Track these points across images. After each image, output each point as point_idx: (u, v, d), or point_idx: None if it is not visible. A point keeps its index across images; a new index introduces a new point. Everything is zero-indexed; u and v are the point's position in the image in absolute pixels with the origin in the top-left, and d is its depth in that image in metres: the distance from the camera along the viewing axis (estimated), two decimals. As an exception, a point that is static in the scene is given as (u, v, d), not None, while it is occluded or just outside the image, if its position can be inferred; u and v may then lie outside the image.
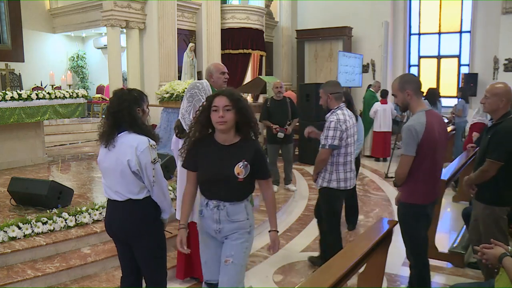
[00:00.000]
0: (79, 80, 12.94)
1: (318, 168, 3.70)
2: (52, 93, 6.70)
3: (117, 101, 2.53)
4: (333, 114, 3.62)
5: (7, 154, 6.49)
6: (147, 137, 2.51)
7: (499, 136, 3.07)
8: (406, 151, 2.85)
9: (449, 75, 12.64)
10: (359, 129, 5.05)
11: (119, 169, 2.49)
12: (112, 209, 2.62)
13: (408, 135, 2.83)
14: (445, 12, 12.56)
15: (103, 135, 2.54)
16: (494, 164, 3.07)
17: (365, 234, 3.05)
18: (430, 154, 2.87)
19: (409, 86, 2.90)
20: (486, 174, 3.13)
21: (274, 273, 3.94)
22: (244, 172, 2.38)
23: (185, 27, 10.73)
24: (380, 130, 8.89)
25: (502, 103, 3.08)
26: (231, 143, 2.43)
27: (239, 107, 2.36)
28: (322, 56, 12.96)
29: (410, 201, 2.97)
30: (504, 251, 2.16)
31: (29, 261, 3.62)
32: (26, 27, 10.89)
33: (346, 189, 3.70)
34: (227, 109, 2.33)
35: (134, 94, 2.57)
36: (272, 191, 2.62)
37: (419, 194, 2.93)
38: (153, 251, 2.62)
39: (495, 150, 3.05)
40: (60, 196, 4.38)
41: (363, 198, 6.32)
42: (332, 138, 3.54)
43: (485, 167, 3.12)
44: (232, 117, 2.35)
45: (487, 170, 3.11)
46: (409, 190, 2.95)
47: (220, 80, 3.93)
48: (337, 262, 2.40)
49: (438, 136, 2.89)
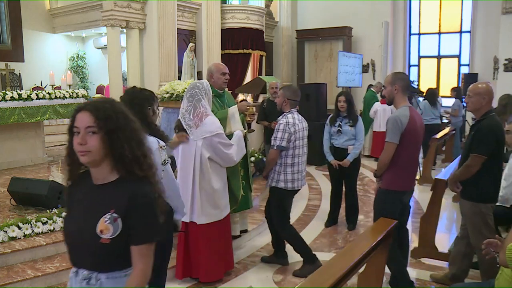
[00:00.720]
0: (79, 80, 12.93)
1: (268, 168, 3.94)
2: (52, 93, 6.71)
3: (128, 98, 2.50)
4: (284, 117, 3.87)
5: (7, 154, 6.49)
6: (156, 137, 2.47)
7: (482, 133, 3.22)
8: (391, 138, 3.19)
9: (449, 75, 12.63)
10: (359, 129, 5.06)
11: None
12: None
13: (394, 124, 3.17)
14: (445, 12, 12.56)
15: None
16: (478, 158, 3.20)
17: (365, 234, 3.06)
18: (411, 144, 3.23)
19: (399, 83, 3.26)
20: (471, 169, 3.24)
21: (274, 273, 3.95)
22: (112, 230, 1.57)
23: (185, 27, 10.72)
24: (380, 130, 8.88)
25: (484, 101, 3.23)
26: (104, 182, 1.66)
27: (109, 129, 1.58)
28: (322, 56, 12.96)
29: (391, 188, 3.27)
30: None
31: (29, 261, 3.62)
32: (26, 27, 10.87)
33: (294, 189, 3.92)
34: (91, 131, 1.58)
35: (146, 93, 2.56)
36: (141, 270, 1.63)
37: (399, 181, 3.27)
38: (157, 253, 2.58)
39: (479, 145, 3.21)
40: (60, 196, 4.38)
41: (363, 198, 6.32)
42: (280, 140, 3.79)
43: (469, 162, 3.25)
44: (98, 144, 1.58)
45: (472, 165, 3.24)
46: (390, 177, 3.27)
47: (220, 80, 3.95)
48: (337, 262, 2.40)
49: (419, 129, 3.27)
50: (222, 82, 3.97)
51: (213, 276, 3.67)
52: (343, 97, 5.04)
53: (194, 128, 3.48)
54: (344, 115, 5.08)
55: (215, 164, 3.58)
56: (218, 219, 3.63)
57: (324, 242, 4.73)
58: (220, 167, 3.63)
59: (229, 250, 3.87)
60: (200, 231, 3.59)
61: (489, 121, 3.23)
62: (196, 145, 3.49)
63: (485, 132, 3.21)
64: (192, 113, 3.47)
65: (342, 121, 5.08)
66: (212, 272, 3.66)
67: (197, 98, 3.48)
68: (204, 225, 3.58)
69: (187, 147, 3.51)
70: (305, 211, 5.81)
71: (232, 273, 3.88)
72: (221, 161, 3.58)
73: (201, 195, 3.55)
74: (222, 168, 3.66)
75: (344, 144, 5.05)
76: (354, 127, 5.02)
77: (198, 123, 3.47)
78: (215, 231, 3.63)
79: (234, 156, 3.58)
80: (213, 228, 3.61)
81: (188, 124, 3.48)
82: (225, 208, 3.72)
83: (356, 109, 5.30)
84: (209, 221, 3.59)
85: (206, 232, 3.60)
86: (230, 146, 3.58)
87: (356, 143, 5.03)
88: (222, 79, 3.96)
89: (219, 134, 3.49)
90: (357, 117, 5.11)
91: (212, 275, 3.66)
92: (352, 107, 5.09)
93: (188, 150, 3.50)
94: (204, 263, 3.63)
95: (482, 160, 3.19)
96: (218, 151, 3.51)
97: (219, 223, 3.65)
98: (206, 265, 3.63)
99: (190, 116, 3.47)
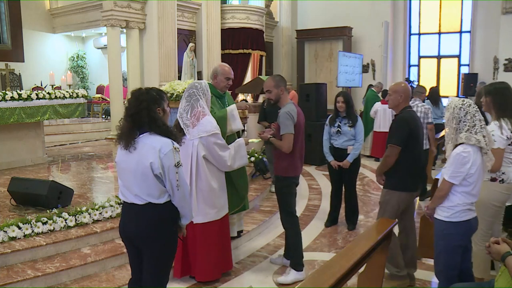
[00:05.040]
0: (79, 80, 12.94)
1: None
2: (52, 93, 6.71)
3: (135, 102, 2.43)
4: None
5: (7, 154, 6.49)
6: (170, 139, 2.43)
7: (396, 124, 3.53)
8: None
9: (449, 75, 12.64)
10: (359, 129, 5.05)
11: (140, 171, 2.40)
12: (129, 212, 2.53)
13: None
14: (445, 12, 12.55)
15: (122, 136, 2.45)
16: (393, 148, 3.44)
17: (365, 234, 3.06)
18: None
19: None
20: (388, 159, 3.49)
21: (274, 273, 3.95)
22: None
23: (185, 27, 10.73)
24: (380, 130, 8.88)
25: (402, 99, 3.53)
26: None
27: None
28: (322, 56, 12.96)
29: (287, 175, 3.72)
30: (509, 249, 2.18)
31: (29, 261, 3.62)
32: (26, 27, 10.88)
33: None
34: None
35: (153, 94, 2.47)
36: None
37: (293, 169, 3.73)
38: (161, 258, 2.54)
39: (393, 136, 3.48)
40: (60, 196, 4.38)
41: (363, 198, 6.32)
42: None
43: (386, 152, 3.51)
44: None
45: (389, 155, 3.48)
46: (285, 166, 3.69)
47: (223, 84, 3.96)
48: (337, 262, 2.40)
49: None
50: (224, 86, 3.98)
51: (209, 276, 3.66)
52: (342, 97, 5.04)
53: (191, 128, 3.49)
54: (343, 115, 5.07)
55: (212, 164, 3.59)
56: (215, 218, 3.63)
57: (324, 242, 4.73)
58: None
59: (228, 250, 3.86)
60: (197, 230, 3.59)
61: (403, 114, 3.52)
62: (192, 144, 3.50)
63: (399, 123, 3.50)
64: (190, 113, 3.48)
65: (341, 122, 5.07)
66: (208, 272, 3.65)
67: (195, 98, 3.49)
68: (201, 224, 3.58)
69: (184, 146, 3.51)
70: (305, 211, 5.81)
71: (231, 273, 3.88)
72: (214, 162, 3.57)
73: (197, 194, 3.55)
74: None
75: (343, 145, 5.05)
76: (353, 128, 5.02)
77: (195, 122, 3.48)
78: (212, 231, 3.63)
79: (227, 160, 3.55)
80: (211, 228, 3.61)
81: (185, 123, 3.49)
82: (223, 208, 3.71)
83: (355, 110, 5.29)
84: (206, 221, 3.59)
85: (203, 231, 3.60)
86: (226, 148, 3.56)
87: (355, 143, 5.03)
88: (225, 83, 3.97)
89: (215, 134, 3.49)
90: (356, 117, 5.11)
91: (208, 274, 3.66)
92: (351, 107, 5.08)
93: (185, 149, 3.50)
94: (201, 262, 3.63)
95: (397, 150, 3.43)
96: (212, 151, 3.51)
97: (216, 222, 3.65)
98: (203, 264, 3.63)
99: (187, 116, 3.49)
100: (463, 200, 2.75)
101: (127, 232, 2.55)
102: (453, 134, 2.78)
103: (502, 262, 2.18)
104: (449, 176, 2.74)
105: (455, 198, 2.76)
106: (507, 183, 3.28)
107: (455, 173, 2.72)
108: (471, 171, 2.69)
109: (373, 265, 2.97)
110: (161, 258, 2.54)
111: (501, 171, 3.27)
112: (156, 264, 2.54)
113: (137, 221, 2.47)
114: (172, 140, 2.43)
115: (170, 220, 2.51)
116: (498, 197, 3.29)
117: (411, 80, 12.08)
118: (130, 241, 2.58)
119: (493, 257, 2.25)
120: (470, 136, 2.70)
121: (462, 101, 2.78)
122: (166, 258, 2.58)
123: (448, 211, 2.79)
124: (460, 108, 2.75)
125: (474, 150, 2.70)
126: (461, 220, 2.77)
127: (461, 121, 2.74)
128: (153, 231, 2.46)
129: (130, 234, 2.53)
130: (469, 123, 2.73)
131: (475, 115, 2.73)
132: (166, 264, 2.60)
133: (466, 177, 2.71)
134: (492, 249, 2.24)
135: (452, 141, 2.80)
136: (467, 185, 2.73)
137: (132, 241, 2.57)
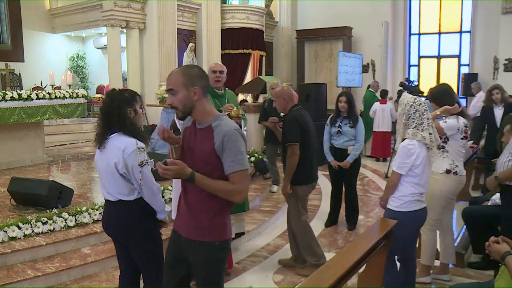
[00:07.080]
0: (79, 80, 12.93)
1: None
2: (52, 93, 6.70)
3: (108, 101, 2.53)
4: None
5: (7, 154, 6.49)
6: (135, 139, 2.49)
7: (286, 124, 3.77)
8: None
9: (449, 75, 12.63)
10: (359, 130, 5.05)
11: (109, 171, 2.50)
12: (107, 209, 2.65)
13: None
14: (445, 12, 12.56)
15: (97, 136, 2.57)
16: (292, 146, 3.65)
17: (365, 234, 3.05)
18: None
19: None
20: (291, 158, 3.67)
21: (274, 273, 3.94)
22: None
23: (185, 27, 10.73)
24: (379, 130, 8.88)
25: (285, 101, 3.78)
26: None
27: None
28: (322, 56, 12.96)
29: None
30: (509, 249, 2.17)
31: (29, 261, 3.62)
32: (26, 27, 10.87)
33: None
34: None
35: (125, 95, 2.55)
36: None
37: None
38: (148, 250, 2.61)
39: (287, 135, 3.70)
40: (60, 196, 4.38)
41: (363, 198, 6.32)
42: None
43: (288, 152, 3.69)
44: None
45: (290, 154, 3.67)
46: None
47: (212, 79, 3.86)
48: (337, 262, 2.40)
49: None
50: (213, 80, 3.90)
51: None
52: (344, 97, 5.03)
53: None
54: (345, 115, 5.07)
55: None
56: None
57: (324, 242, 4.73)
58: None
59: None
60: None
61: (291, 113, 3.75)
62: None
63: (288, 123, 3.73)
64: None
65: (342, 122, 5.07)
66: None
67: None
68: None
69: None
70: (305, 211, 5.80)
71: (231, 273, 3.88)
72: None
73: None
74: None
75: (344, 145, 5.05)
76: (354, 128, 5.01)
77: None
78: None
79: None
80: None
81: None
82: None
83: (356, 110, 5.29)
84: None
85: None
86: None
87: (356, 144, 5.03)
88: (213, 77, 3.87)
89: None
90: (357, 117, 5.10)
91: None
92: (352, 107, 5.08)
93: None
94: None
95: (296, 146, 3.63)
96: None
97: None
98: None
99: None
100: (412, 191, 2.92)
101: (109, 228, 2.67)
102: (402, 129, 2.96)
103: (502, 261, 2.17)
104: (396, 167, 2.93)
105: (404, 189, 2.93)
106: (459, 175, 3.48)
107: (402, 164, 2.89)
108: (416, 162, 2.87)
109: (373, 265, 2.97)
110: (147, 252, 2.61)
111: (455, 164, 3.47)
112: (148, 257, 2.61)
113: (114, 218, 2.59)
114: (138, 140, 2.49)
115: (145, 216, 2.57)
116: (451, 189, 3.50)
117: (411, 80, 12.06)
118: (113, 237, 2.70)
119: (493, 256, 2.25)
120: (416, 132, 2.88)
121: (414, 99, 2.94)
122: (155, 249, 2.63)
123: (398, 201, 2.96)
124: (411, 106, 2.92)
125: (420, 144, 2.88)
126: (409, 210, 2.94)
127: (410, 117, 2.90)
128: (129, 227, 2.55)
129: (110, 230, 2.66)
130: (417, 121, 2.89)
131: (424, 114, 2.89)
132: (155, 259, 2.64)
133: (412, 168, 2.88)
134: (492, 249, 2.24)
135: (401, 135, 2.98)
136: (414, 176, 2.90)
137: (114, 237, 2.69)
